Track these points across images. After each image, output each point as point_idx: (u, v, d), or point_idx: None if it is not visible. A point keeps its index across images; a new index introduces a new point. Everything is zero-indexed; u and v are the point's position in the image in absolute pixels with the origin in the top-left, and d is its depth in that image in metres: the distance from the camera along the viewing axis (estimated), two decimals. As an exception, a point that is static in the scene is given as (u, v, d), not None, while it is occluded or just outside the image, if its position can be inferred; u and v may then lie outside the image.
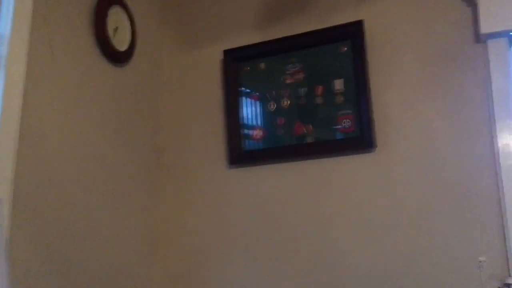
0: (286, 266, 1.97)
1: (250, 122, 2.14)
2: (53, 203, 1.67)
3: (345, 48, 2.02)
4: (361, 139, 1.92)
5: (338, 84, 2.01)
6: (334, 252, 1.91)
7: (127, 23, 2.10)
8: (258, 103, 2.14)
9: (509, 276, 1.68)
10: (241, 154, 2.11)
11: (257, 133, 2.11)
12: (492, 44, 1.83)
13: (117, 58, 2.04)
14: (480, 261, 1.71)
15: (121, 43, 2.06)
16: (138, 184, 2.13)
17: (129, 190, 2.07)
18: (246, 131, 2.13)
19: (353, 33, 2.00)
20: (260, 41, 2.16)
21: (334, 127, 1.98)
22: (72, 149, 1.78)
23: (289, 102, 2.08)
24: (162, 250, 2.19)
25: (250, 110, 2.14)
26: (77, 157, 1.80)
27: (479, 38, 1.84)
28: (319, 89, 2.04)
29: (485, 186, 1.75)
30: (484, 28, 1.79)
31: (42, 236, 1.61)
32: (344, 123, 1.97)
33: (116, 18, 2.04)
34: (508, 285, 1.66)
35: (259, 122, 2.12)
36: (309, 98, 2.05)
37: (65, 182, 1.73)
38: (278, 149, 2.06)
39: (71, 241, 1.73)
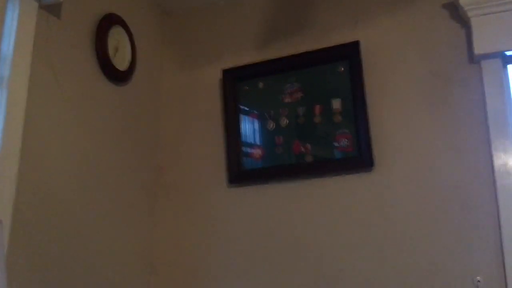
0: (285, 285, 1.96)
1: (249, 141, 2.15)
2: (51, 223, 1.67)
3: (343, 68, 2.05)
4: (359, 158, 1.94)
5: (336, 104, 2.03)
6: (331, 270, 1.91)
7: (127, 43, 2.13)
8: (257, 122, 2.16)
9: (507, 295, 1.68)
10: (240, 173, 2.12)
11: (256, 152, 2.13)
12: (486, 65, 1.85)
13: (118, 77, 2.06)
14: (478, 281, 1.71)
15: (121, 62, 2.08)
16: (137, 203, 2.13)
17: (129, 210, 2.07)
18: (245, 150, 2.14)
19: (350, 53, 2.03)
20: (259, 60, 2.19)
21: (332, 146, 2.00)
22: (72, 170, 1.78)
23: (287, 121, 2.10)
24: (161, 269, 2.18)
25: (249, 129, 2.16)
26: (77, 177, 1.80)
27: (473, 59, 1.88)
28: (317, 108, 2.06)
29: (483, 206, 1.76)
30: (478, 49, 1.82)
31: (40, 257, 1.61)
32: (342, 142, 1.99)
33: (116, 38, 2.07)
34: (506, 304, 1.67)
35: (258, 141, 2.14)
36: (308, 117, 2.07)
37: (64, 203, 1.73)
38: (277, 168, 2.07)
39: (69, 262, 1.72)
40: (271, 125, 2.12)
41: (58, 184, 1.71)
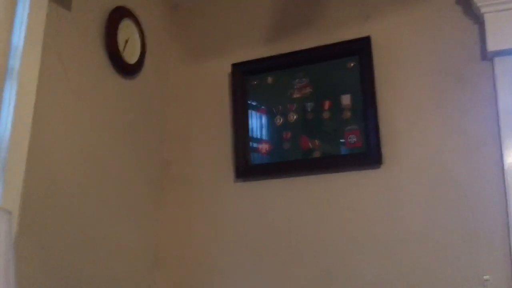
0: (291, 280, 1.96)
1: (257, 136, 2.15)
2: (59, 215, 1.68)
3: (353, 64, 2.03)
4: (368, 155, 1.92)
5: (345, 100, 2.02)
6: (337, 266, 1.90)
7: (137, 36, 2.13)
8: (265, 116, 2.15)
9: (515, 295, 1.66)
10: (247, 167, 2.11)
11: (264, 147, 2.12)
12: (498, 62, 1.82)
13: (127, 70, 2.07)
14: (485, 280, 1.70)
15: (131, 55, 2.09)
16: (144, 197, 2.14)
17: (135, 203, 2.08)
18: (253, 144, 2.14)
19: (360, 48, 2.01)
20: (268, 55, 2.18)
21: (341, 142, 1.99)
22: (80, 162, 1.79)
23: (296, 116, 2.09)
24: (167, 262, 2.19)
25: (257, 124, 2.16)
26: (84, 169, 1.81)
27: (486, 56, 1.85)
28: (326, 104, 2.05)
29: (492, 204, 1.74)
30: (491, 46, 1.80)
31: (47, 249, 1.62)
32: (351, 138, 1.98)
33: (126, 31, 2.07)
34: (514, 304, 1.65)
35: (266, 136, 2.13)
36: (316, 112, 2.05)
37: (71, 195, 1.74)
38: (284, 163, 2.06)
39: (76, 254, 1.74)
40: (279, 120, 2.12)
41: (65, 176, 1.72)
